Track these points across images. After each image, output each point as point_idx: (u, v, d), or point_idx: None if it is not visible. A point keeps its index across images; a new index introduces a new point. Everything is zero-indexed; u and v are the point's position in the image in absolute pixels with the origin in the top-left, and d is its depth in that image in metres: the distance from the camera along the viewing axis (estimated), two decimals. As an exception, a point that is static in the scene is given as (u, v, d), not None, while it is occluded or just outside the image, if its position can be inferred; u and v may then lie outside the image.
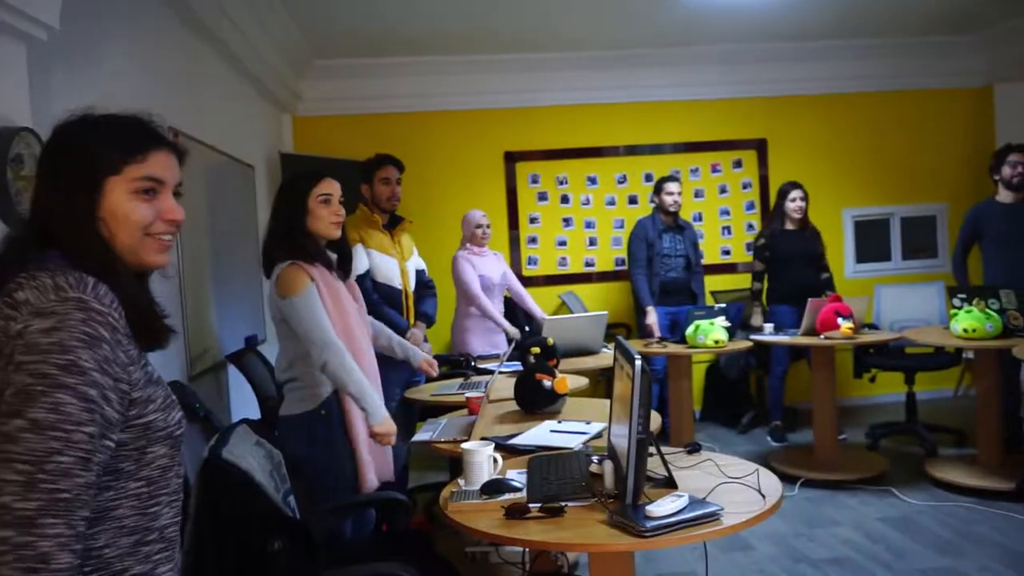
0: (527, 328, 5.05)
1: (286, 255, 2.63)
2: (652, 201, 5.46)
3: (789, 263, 5.23)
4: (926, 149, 6.56)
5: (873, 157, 6.52)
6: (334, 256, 2.79)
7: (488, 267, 4.74)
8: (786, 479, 4.45)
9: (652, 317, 5.21)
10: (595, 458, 2.11)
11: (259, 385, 3.82)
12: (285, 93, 5.51)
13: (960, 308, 4.25)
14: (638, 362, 1.77)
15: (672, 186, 5.30)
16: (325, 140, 5.89)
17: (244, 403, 4.00)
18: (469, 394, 3.01)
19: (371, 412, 2.55)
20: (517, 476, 2.08)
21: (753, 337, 4.78)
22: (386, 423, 2.57)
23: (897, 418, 5.44)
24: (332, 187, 2.71)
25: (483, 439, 2.43)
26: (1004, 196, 4.81)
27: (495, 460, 2.08)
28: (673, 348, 4.57)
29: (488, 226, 4.76)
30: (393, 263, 3.99)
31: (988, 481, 4.19)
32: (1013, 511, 3.89)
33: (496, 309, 4.69)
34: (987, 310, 4.15)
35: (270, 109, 5.48)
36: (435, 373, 3.17)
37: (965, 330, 4.15)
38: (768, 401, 5.66)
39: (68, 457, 1.06)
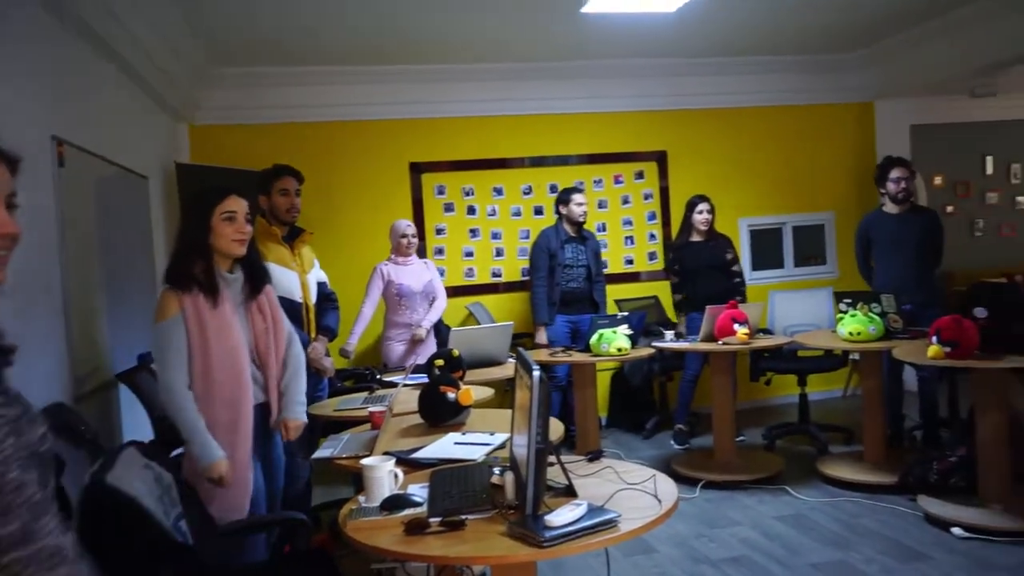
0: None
1: (166, 278, 2.65)
2: (557, 212, 5.53)
3: (698, 273, 5.40)
4: (814, 161, 6.89)
5: (766, 168, 6.81)
6: (238, 276, 2.72)
7: (409, 277, 4.88)
8: (688, 482, 4.60)
9: (542, 336, 5.31)
10: (496, 470, 2.12)
11: (152, 404, 3.67)
12: (182, 101, 5.33)
13: (846, 312, 4.48)
14: (535, 372, 1.80)
15: (580, 196, 5.41)
16: (223, 150, 5.72)
17: (137, 424, 3.83)
18: (372, 408, 2.98)
19: (198, 455, 2.52)
20: (419, 491, 2.07)
21: (655, 344, 4.90)
22: (213, 467, 2.50)
23: (791, 419, 5.67)
24: (237, 204, 2.67)
25: (385, 454, 2.41)
26: (890, 207, 5.09)
27: (396, 475, 2.06)
28: (577, 356, 4.64)
29: (414, 236, 4.95)
30: (293, 276, 3.91)
31: (873, 476, 4.42)
32: (895, 503, 4.12)
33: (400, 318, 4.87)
34: (870, 314, 4.39)
35: (165, 118, 5.28)
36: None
37: (851, 333, 4.38)
38: (675, 404, 5.81)
39: (11, 471, 1.09)
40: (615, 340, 4.48)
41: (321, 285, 4.11)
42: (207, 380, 2.59)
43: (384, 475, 2.02)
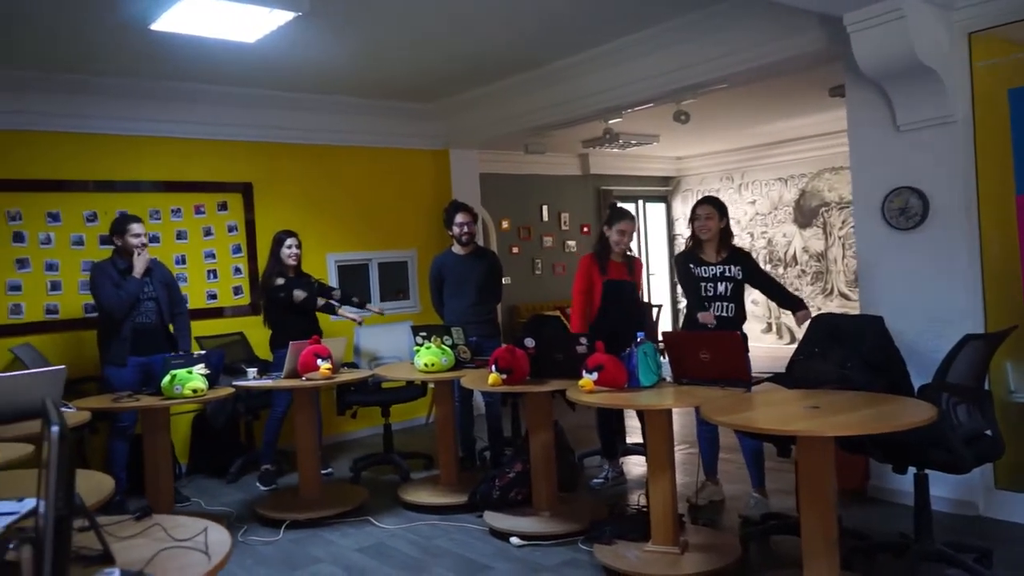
0: None
1: None
2: (113, 243, 4.98)
3: (292, 309, 5.29)
4: (399, 201, 7.27)
5: (353, 206, 7.00)
6: None
7: None
8: (273, 524, 4.47)
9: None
10: (12, 544, 1.80)
11: None
12: None
13: (422, 345, 4.75)
14: (54, 428, 1.57)
15: (138, 226, 4.92)
16: None
17: None
18: None
19: None
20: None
21: (236, 383, 4.69)
22: None
23: (378, 449, 5.82)
24: None
25: None
26: (457, 248, 5.52)
27: None
28: (146, 401, 4.23)
29: None
30: None
31: (448, 498, 4.72)
32: (466, 521, 4.44)
33: None
34: (442, 346, 4.71)
35: None
36: None
37: (426, 364, 4.65)
38: (260, 444, 5.61)
39: None
40: (190, 381, 4.18)
41: None
42: None
43: None
